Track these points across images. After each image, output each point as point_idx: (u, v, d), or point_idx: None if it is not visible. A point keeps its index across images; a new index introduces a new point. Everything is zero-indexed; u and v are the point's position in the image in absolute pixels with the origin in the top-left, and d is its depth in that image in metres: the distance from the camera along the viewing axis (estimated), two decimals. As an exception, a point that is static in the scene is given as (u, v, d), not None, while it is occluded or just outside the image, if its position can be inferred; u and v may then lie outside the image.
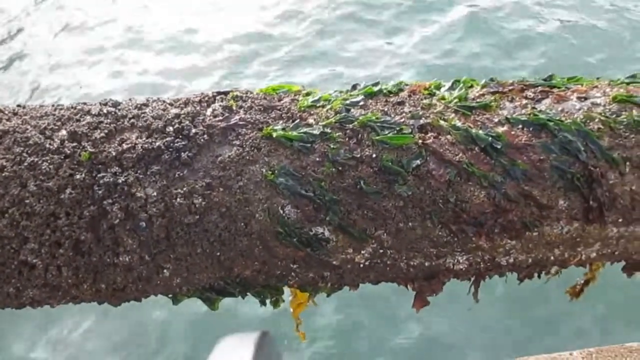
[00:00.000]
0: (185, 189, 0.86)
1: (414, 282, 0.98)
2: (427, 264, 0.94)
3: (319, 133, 0.91)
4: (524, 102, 0.98)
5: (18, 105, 0.96)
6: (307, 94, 1.01)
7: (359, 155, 0.89)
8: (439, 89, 1.02)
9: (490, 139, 0.91)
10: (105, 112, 0.93)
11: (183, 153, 0.88)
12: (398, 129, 0.92)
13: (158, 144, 0.88)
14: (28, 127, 0.89)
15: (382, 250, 0.91)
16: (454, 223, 0.90)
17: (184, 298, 0.95)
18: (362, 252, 0.91)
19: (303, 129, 0.92)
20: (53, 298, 0.89)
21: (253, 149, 0.90)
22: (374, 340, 3.05)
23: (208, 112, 0.94)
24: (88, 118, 0.92)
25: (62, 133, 0.89)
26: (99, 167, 0.86)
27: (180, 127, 0.90)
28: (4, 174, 0.84)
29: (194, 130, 0.90)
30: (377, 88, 1.01)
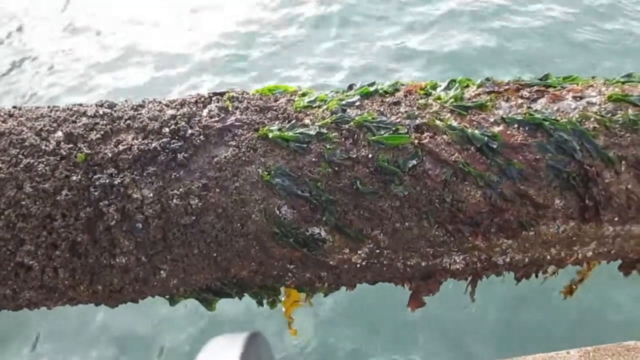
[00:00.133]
0: (182, 190, 0.86)
1: (411, 281, 0.99)
2: (423, 264, 0.94)
3: (315, 133, 0.91)
4: (520, 101, 0.98)
5: (14, 107, 0.95)
6: (303, 95, 1.01)
7: (355, 156, 0.89)
8: (435, 89, 1.02)
9: (486, 139, 0.91)
10: (101, 113, 0.93)
11: (179, 154, 0.87)
12: (394, 129, 0.92)
13: (154, 145, 0.88)
14: (24, 128, 0.89)
15: (378, 250, 0.91)
16: (451, 223, 0.90)
17: (181, 299, 0.95)
18: (358, 252, 0.91)
19: (299, 130, 0.92)
20: (50, 300, 0.89)
21: (249, 150, 0.90)
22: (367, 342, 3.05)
23: (204, 113, 0.94)
24: (84, 119, 0.91)
25: (58, 134, 0.89)
26: (95, 168, 0.86)
27: (177, 128, 0.90)
28: (0, 176, 0.84)
29: (190, 131, 0.90)
30: (373, 88, 1.01)
